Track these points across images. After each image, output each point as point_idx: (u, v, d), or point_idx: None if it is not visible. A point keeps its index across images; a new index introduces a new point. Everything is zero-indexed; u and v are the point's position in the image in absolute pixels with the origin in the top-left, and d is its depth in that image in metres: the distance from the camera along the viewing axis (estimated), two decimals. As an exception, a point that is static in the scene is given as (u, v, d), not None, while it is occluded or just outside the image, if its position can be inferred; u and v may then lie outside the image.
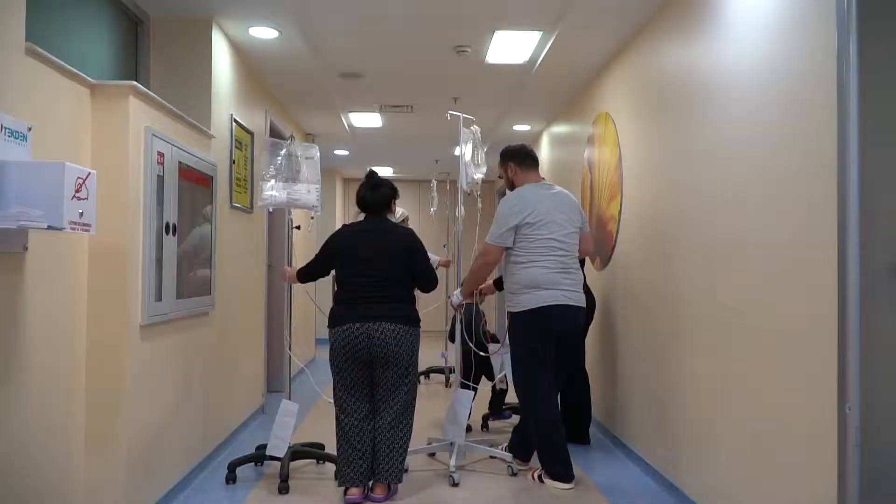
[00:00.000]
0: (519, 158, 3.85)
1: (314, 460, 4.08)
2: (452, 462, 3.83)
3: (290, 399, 3.88)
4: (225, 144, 4.36)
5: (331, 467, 3.86)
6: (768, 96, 2.64)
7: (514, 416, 4.86)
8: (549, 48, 4.59)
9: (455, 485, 3.72)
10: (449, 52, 4.78)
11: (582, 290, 3.77)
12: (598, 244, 4.98)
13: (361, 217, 3.73)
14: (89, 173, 2.37)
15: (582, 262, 4.30)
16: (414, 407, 3.53)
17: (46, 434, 2.57)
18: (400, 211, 6.91)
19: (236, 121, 4.57)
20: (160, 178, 3.17)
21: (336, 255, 3.57)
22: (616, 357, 4.57)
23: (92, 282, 2.87)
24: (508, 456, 3.96)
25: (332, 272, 3.73)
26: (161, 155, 3.17)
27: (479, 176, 4.07)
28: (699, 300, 3.27)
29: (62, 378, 2.69)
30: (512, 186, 3.87)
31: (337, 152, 8.92)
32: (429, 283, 3.61)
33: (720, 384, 3.03)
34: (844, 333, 2.12)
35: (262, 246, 5.38)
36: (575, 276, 3.73)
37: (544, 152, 7.26)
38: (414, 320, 3.47)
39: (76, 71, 2.73)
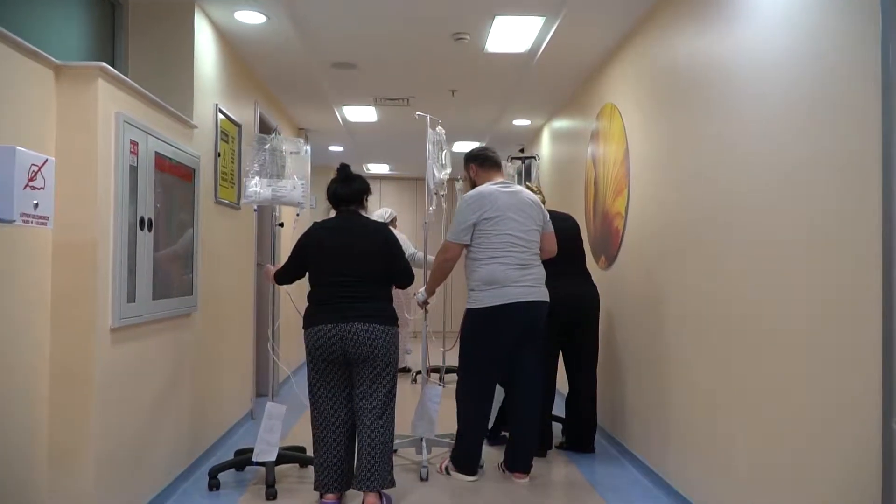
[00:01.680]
0: (480, 160, 3.99)
1: (297, 464, 3.93)
2: (424, 457, 3.93)
3: (277, 403, 3.72)
4: (209, 136, 4.12)
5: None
6: (795, 85, 2.42)
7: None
8: (553, 35, 4.35)
9: (424, 479, 3.78)
10: (447, 39, 4.54)
11: (543, 285, 3.78)
12: (603, 242, 4.75)
13: (333, 214, 3.54)
14: (46, 160, 2.13)
15: (569, 260, 4.21)
16: (393, 408, 3.38)
17: (4, 447, 2.34)
18: (388, 211, 6.66)
19: (222, 111, 4.34)
20: (133, 169, 2.93)
21: (308, 254, 3.41)
22: (622, 361, 4.34)
23: (56, 281, 2.64)
24: None
25: None
26: (134, 144, 2.93)
27: (442, 176, 4.25)
28: (714, 301, 3.04)
29: (22, 385, 2.45)
30: (474, 186, 3.97)
31: (331, 149, 8.68)
32: (404, 279, 3.47)
33: (737, 392, 2.80)
34: (891, 341, 1.89)
35: (250, 244, 5.14)
36: (534, 270, 3.76)
37: (545, 148, 7.03)
38: (389, 319, 3.33)
39: (37, 50, 2.49)
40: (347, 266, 3.30)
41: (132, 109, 2.97)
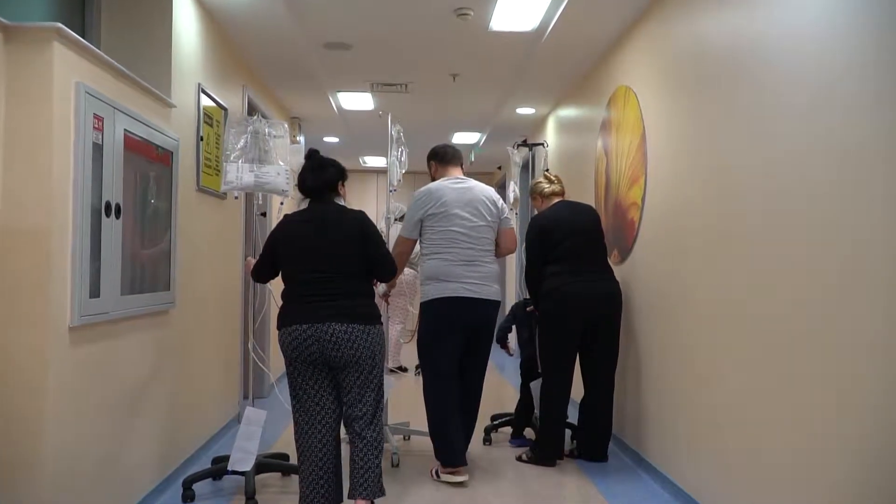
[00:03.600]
0: (440, 157, 4.04)
1: (279, 473, 3.68)
2: (394, 444, 4.02)
3: (263, 407, 3.50)
4: (190, 117, 3.80)
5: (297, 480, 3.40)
6: (846, 65, 2.12)
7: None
8: (563, 11, 4.04)
9: (396, 466, 3.89)
10: (448, 16, 4.22)
11: (493, 283, 3.76)
12: (616, 234, 4.44)
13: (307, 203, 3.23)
14: (-20, 129, 1.81)
15: (589, 255, 3.98)
16: (382, 410, 3.14)
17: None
18: (399, 207, 6.33)
19: (205, 92, 4.01)
20: (98, 147, 2.61)
21: (279, 250, 3.11)
22: (638, 363, 4.03)
23: (4, 273, 2.32)
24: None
25: None
26: (99, 119, 2.61)
27: (399, 173, 4.40)
28: (744, 300, 2.73)
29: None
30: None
31: (326, 140, 8.38)
32: (384, 270, 3.15)
33: (769, 397, 2.50)
34: None
35: (237, 235, 4.81)
36: (483, 268, 3.74)
37: (551, 138, 6.71)
38: (370, 317, 3.02)
39: (-19, 7, 2.17)
40: (321, 260, 3.00)
41: (96, 80, 2.64)
